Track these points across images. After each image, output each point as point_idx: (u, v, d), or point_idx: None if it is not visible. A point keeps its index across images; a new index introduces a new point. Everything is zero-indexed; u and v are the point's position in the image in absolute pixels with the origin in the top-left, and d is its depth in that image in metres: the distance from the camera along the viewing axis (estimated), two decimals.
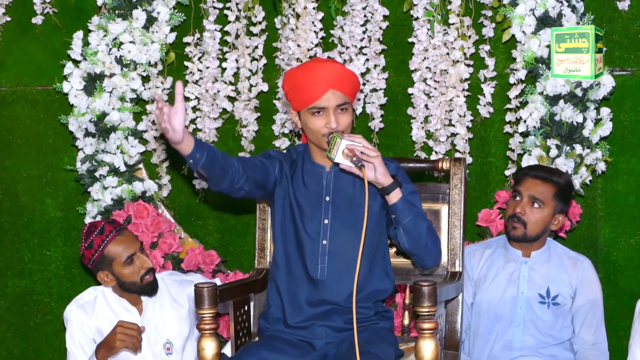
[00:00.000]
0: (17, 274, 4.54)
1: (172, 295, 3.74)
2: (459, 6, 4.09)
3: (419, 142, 4.17)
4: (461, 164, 3.44)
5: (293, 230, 3.18)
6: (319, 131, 3.10)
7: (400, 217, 3.05)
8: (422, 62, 4.14)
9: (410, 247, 3.10)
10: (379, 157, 3.00)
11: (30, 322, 4.59)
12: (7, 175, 4.56)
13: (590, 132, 3.97)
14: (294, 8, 4.20)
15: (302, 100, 3.12)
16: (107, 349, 3.57)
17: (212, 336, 3.06)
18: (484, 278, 3.72)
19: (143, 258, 3.64)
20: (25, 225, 4.53)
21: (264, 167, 3.18)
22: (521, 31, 4.00)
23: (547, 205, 3.64)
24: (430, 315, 2.91)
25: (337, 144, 3.00)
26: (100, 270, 3.64)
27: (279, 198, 3.21)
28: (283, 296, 3.19)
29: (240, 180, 3.08)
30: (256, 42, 4.29)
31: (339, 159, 3.00)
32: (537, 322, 3.65)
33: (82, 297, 3.75)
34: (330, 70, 3.12)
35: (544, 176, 3.67)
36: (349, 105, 3.13)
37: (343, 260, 3.13)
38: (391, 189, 3.03)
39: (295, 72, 3.17)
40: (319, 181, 3.18)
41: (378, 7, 4.16)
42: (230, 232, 4.47)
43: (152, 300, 3.71)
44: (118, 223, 3.70)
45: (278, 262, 3.22)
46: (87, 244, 3.61)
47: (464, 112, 4.11)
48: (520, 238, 3.66)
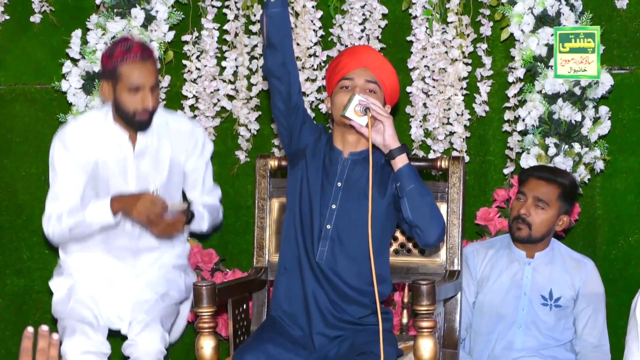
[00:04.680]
0: (16, 272, 4.54)
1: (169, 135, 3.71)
2: (457, 5, 4.09)
3: (417, 141, 4.17)
4: (460, 162, 3.44)
5: (299, 210, 3.20)
6: (342, 104, 3.11)
7: (405, 183, 3.05)
8: (420, 60, 4.14)
9: (414, 217, 3.08)
10: (390, 119, 3.03)
11: (29, 321, 4.59)
12: (6, 173, 4.55)
13: (588, 130, 3.97)
14: (293, 7, 4.20)
15: (335, 78, 3.19)
16: (124, 209, 3.51)
17: (210, 334, 3.07)
18: (487, 278, 3.71)
19: (148, 96, 3.53)
20: (24, 224, 4.53)
21: (307, 119, 3.25)
22: (520, 30, 4.00)
23: (552, 206, 3.64)
24: (429, 313, 2.92)
25: (351, 100, 3.04)
26: (105, 80, 3.57)
27: (299, 170, 3.23)
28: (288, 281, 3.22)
29: (293, 75, 3.12)
30: (255, 40, 4.29)
31: (350, 113, 3.04)
32: (539, 323, 3.64)
33: (80, 118, 3.71)
34: (367, 51, 3.26)
35: (548, 177, 3.66)
36: (379, 91, 3.18)
37: (343, 247, 3.14)
38: (397, 154, 3.04)
39: (336, 57, 3.31)
40: (334, 166, 3.20)
41: (377, 5, 4.16)
42: (229, 231, 4.46)
43: (147, 137, 3.65)
44: (150, 52, 3.59)
45: (284, 244, 3.25)
46: (110, 51, 3.56)
47: (461, 111, 4.11)
48: (525, 239, 3.66)
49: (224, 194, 4.42)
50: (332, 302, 3.15)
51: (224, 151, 4.40)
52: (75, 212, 3.58)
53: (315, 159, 3.22)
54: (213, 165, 4.26)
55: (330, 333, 3.15)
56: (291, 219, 3.23)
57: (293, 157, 3.26)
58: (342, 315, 3.16)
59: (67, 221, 3.58)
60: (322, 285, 3.16)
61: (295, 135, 3.22)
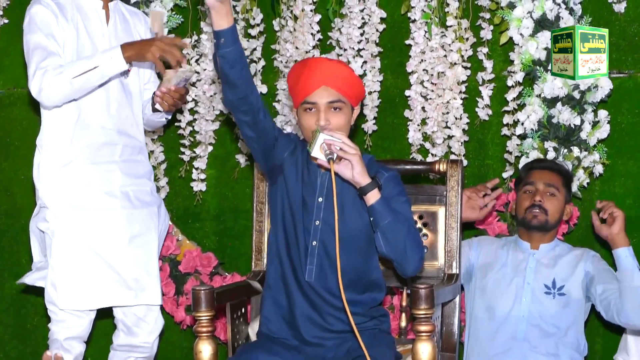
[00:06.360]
0: (15, 276, 4.54)
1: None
2: (456, 8, 4.09)
3: (415, 145, 4.17)
4: (458, 165, 3.45)
5: (283, 228, 3.16)
6: (309, 128, 3.07)
7: (378, 219, 2.98)
8: (419, 64, 4.14)
9: (388, 252, 3.02)
10: (358, 155, 2.95)
11: (28, 325, 4.60)
12: (4, 177, 4.56)
13: (587, 134, 3.97)
14: (292, 10, 4.20)
15: (297, 96, 3.11)
16: (138, 53, 3.44)
17: (209, 339, 3.07)
18: (491, 265, 3.76)
19: None
20: (22, 228, 4.52)
21: (279, 134, 3.18)
22: (519, 34, 4.01)
23: (560, 193, 3.75)
24: (427, 317, 2.91)
25: (316, 138, 2.96)
26: None
27: (278, 187, 3.18)
28: (274, 298, 3.18)
29: (255, 105, 3.03)
30: (254, 44, 4.29)
31: (316, 152, 2.96)
32: (542, 312, 3.67)
33: None
34: (325, 66, 3.09)
35: (550, 166, 3.78)
36: (344, 106, 3.09)
37: (331, 263, 3.09)
38: (368, 190, 2.97)
39: (295, 67, 3.17)
40: (314, 179, 3.16)
41: (375, 9, 4.16)
42: (228, 235, 4.47)
43: (116, 11, 3.66)
44: None
45: (268, 261, 3.22)
46: None
47: (460, 115, 4.12)
48: (542, 225, 3.72)
49: (223, 197, 4.44)
50: (323, 316, 3.12)
51: (223, 154, 4.40)
52: (78, 62, 3.46)
53: (293, 173, 3.16)
54: (212, 169, 4.28)
55: (327, 343, 3.13)
56: (274, 237, 3.20)
57: (271, 174, 3.21)
58: (334, 327, 3.13)
59: (70, 70, 3.42)
60: (313, 301, 3.12)
61: (270, 153, 3.16)
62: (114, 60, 3.41)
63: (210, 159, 4.38)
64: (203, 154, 4.35)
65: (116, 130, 3.61)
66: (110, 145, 3.59)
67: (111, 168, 3.59)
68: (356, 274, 3.11)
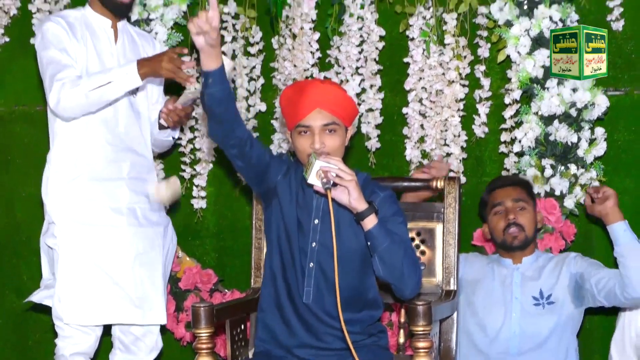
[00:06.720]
0: (15, 291, 4.56)
1: None
2: (454, 27, 4.12)
3: (413, 162, 4.19)
4: (455, 182, 3.46)
5: (278, 250, 3.17)
6: (304, 151, 3.08)
7: (375, 244, 2.98)
8: (417, 82, 4.16)
9: (385, 276, 3.03)
10: (354, 181, 2.95)
11: (29, 341, 4.61)
12: (6, 192, 4.58)
13: (584, 152, 3.99)
14: (291, 28, 4.23)
15: (291, 119, 3.12)
16: (152, 70, 3.50)
17: (209, 355, 3.08)
18: (480, 282, 3.77)
19: None
20: (23, 243, 4.54)
21: (271, 158, 3.18)
22: (516, 51, 4.03)
23: (529, 204, 3.77)
24: (425, 334, 2.93)
25: (312, 164, 2.96)
26: None
27: (272, 210, 3.18)
28: (266, 322, 3.19)
29: (241, 138, 3.05)
30: (254, 62, 4.31)
31: (312, 179, 2.96)
32: (532, 325, 3.67)
33: (61, 13, 3.71)
34: (317, 89, 3.09)
35: (511, 181, 3.84)
36: (338, 127, 3.10)
37: (328, 284, 3.09)
38: (365, 215, 2.97)
39: (287, 90, 3.17)
40: (309, 201, 3.16)
41: (374, 27, 4.19)
42: (227, 252, 4.48)
43: (125, 30, 3.73)
44: None
45: (263, 284, 3.23)
46: None
47: (458, 132, 4.14)
48: (523, 243, 3.74)
49: (223, 215, 4.45)
50: (319, 337, 3.12)
51: (223, 172, 4.41)
52: (94, 76, 3.51)
53: (287, 195, 3.17)
54: (212, 186, 4.29)
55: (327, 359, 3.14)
56: (269, 261, 3.20)
57: (265, 197, 3.22)
58: (331, 345, 3.13)
59: (86, 84, 3.48)
60: (309, 323, 3.12)
61: (263, 177, 3.17)
62: (129, 76, 3.47)
63: (210, 177, 4.40)
64: (203, 172, 4.37)
65: (124, 148, 3.65)
66: (118, 162, 3.64)
67: (118, 185, 3.63)
68: (353, 293, 3.12)
